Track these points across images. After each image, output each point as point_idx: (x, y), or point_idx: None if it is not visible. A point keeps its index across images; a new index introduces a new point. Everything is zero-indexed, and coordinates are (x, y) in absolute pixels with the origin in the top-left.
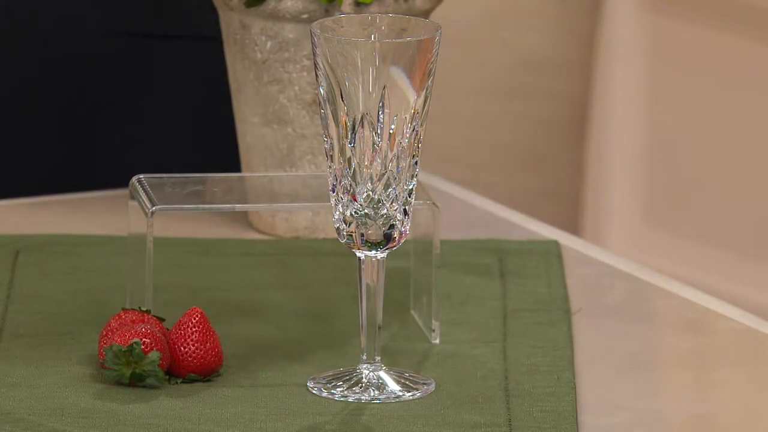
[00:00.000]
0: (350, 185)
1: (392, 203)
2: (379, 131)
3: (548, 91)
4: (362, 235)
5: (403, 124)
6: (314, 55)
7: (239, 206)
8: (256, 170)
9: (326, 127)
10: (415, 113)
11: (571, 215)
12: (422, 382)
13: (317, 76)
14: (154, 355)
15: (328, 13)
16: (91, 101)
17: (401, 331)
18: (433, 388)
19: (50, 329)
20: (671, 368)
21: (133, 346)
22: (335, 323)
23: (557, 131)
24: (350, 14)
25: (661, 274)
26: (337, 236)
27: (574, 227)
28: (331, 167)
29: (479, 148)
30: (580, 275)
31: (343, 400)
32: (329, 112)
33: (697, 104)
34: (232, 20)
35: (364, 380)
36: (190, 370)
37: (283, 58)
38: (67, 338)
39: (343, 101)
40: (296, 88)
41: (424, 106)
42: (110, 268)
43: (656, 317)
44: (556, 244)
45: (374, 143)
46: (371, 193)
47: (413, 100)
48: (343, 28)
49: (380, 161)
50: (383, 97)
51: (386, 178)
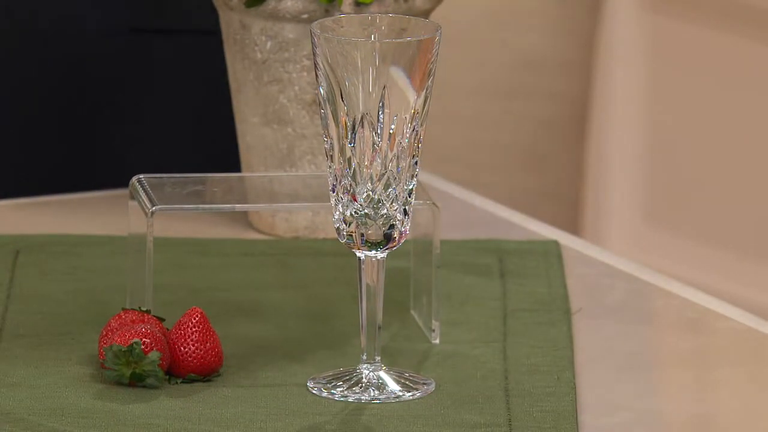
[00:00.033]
0: (350, 185)
1: (392, 203)
2: (379, 131)
3: (548, 91)
4: (362, 235)
5: (403, 124)
6: (314, 55)
7: (239, 206)
8: (256, 170)
9: (326, 127)
10: (415, 113)
11: (571, 215)
12: (422, 382)
13: (317, 76)
14: (154, 355)
15: (328, 13)
16: (91, 101)
17: (401, 331)
18: (433, 388)
19: (50, 329)
20: (671, 368)
21: (133, 346)
22: (335, 323)
23: (557, 131)
24: (350, 14)
25: (661, 274)
26: (337, 236)
27: (574, 227)
28: (331, 167)
29: (479, 148)
30: (580, 275)
31: (343, 400)
32: (329, 112)
33: (697, 104)
34: (232, 20)
35: (364, 380)
36: (190, 370)
37: (283, 58)
38: (67, 338)
39: (343, 101)
40: (296, 88)
41: (424, 106)
42: (110, 268)
43: (656, 317)
44: (556, 244)
45: (374, 143)
46: (371, 193)
47: (413, 100)
48: (343, 28)
49: (380, 161)
50: (383, 97)
51: (386, 178)
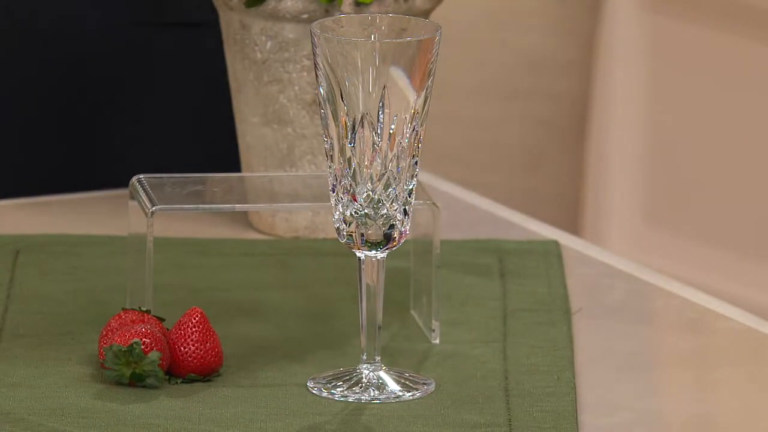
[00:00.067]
0: (350, 185)
1: (392, 203)
2: (379, 131)
3: (548, 91)
4: (362, 235)
5: (403, 124)
6: (314, 55)
7: (239, 206)
8: (256, 170)
9: (326, 127)
10: (415, 113)
11: (571, 215)
12: (422, 382)
13: (317, 76)
14: (154, 355)
15: (328, 13)
16: (91, 101)
17: (401, 331)
18: (433, 388)
19: (50, 329)
20: (671, 368)
21: (133, 346)
22: (335, 323)
23: (557, 131)
24: (350, 14)
25: (661, 274)
26: (337, 236)
27: (574, 227)
28: (331, 167)
29: (479, 148)
30: (580, 275)
31: (343, 400)
32: (329, 112)
33: (697, 104)
34: (232, 20)
35: (364, 380)
36: (190, 370)
37: (283, 58)
38: (67, 338)
39: (343, 101)
40: (296, 88)
41: (424, 106)
42: (110, 268)
43: (656, 317)
44: (556, 244)
45: (374, 143)
46: (371, 193)
47: (413, 100)
48: (343, 28)
49: (380, 161)
50: (383, 97)
51: (386, 178)
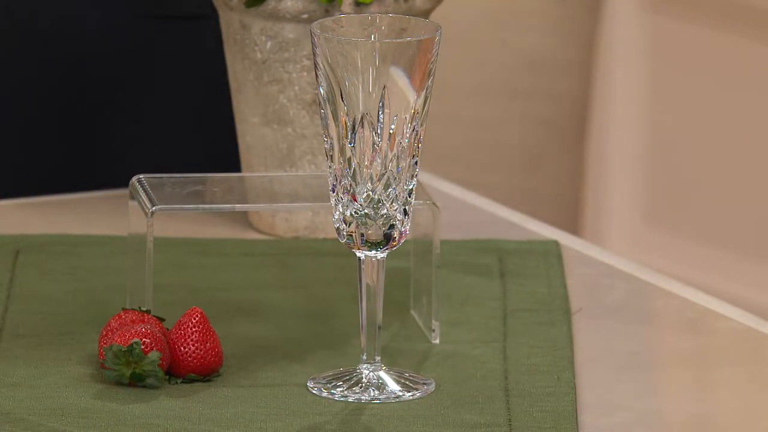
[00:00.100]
0: (350, 185)
1: (392, 203)
2: (379, 131)
3: (548, 91)
4: (362, 235)
5: (403, 124)
6: (314, 55)
7: (239, 206)
8: (256, 170)
9: (326, 127)
10: (415, 113)
11: (571, 215)
12: (422, 382)
13: (317, 76)
14: (154, 355)
15: (328, 13)
16: (91, 101)
17: (401, 331)
18: (433, 388)
19: (50, 329)
20: (671, 368)
21: (133, 346)
22: (335, 323)
23: (557, 131)
24: (350, 14)
25: (661, 274)
26: (337, 236)
27: (574, 227)
28: (331, 167)
29: (479, 148)
30: (580, 275)
31: (343, 400)
32: (329, 112)
33: (697, 104)
34: (232, 20)
35: (364, 380)
36: (190, 370)
37: (283, 58)
38: (67, 338)
39: (343, 101)
40: (296, 88)
41: (424, 106)
42: (110, 268)
43: (656, 317)
44: (556, 244)
45: (374, 143)
46: (371, 193)
47: (413, 100)
48: (343, 28)
49: (380, 161)
50: (383, 97)
51: (386, 178)
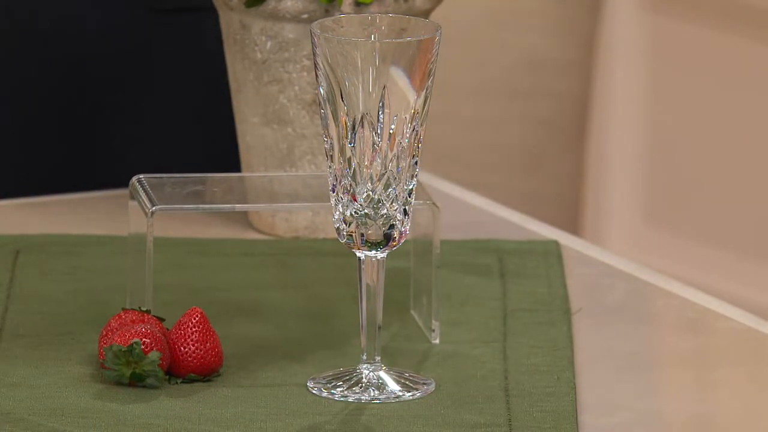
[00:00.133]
0: (350, 185)
1: (392, 203)
2: (379, 131)
3: (548, 91)
4: (362, 235)
5: (403, 124)
6: (314, 55)
7: (239, 206)
8: (256, 170)
9: (326, 127)
10: (415, 113)
11: (571, 215)
12: (422, 382)
13: (317, 76)
14: (154, 355)
15: (328, 13)
16: (91, 101)
17: (401, 331)
18: (433, 388)
19: (50, 329)
20: (671, 368)
21: (133, 346)
22: (335, 323)
23: (557, 131)
24: (350, 14)
25: (661, 274)
26: (337, 236)
27: (574, 227)
28: (331, 167)
29: (479, 148)
30: (580, 275)
31: (343, 400)
32: (329, 112)
33: (697, 104)
34: (232, 20)
35: (364, 380)
36: (190, 370)
37: (283, 58)
38: (67, 338)
39: (343, 101)
40: (296, 88)
41: (424, 106)
42: (110, 268)
43: (656, 317)
44: (556, 244)
45: (374, 143)
46: (371, 193)
47: (413, 100)
48: (343, 28)
49: (380, 161)
50: (383, 97)
51: (386, 178)
